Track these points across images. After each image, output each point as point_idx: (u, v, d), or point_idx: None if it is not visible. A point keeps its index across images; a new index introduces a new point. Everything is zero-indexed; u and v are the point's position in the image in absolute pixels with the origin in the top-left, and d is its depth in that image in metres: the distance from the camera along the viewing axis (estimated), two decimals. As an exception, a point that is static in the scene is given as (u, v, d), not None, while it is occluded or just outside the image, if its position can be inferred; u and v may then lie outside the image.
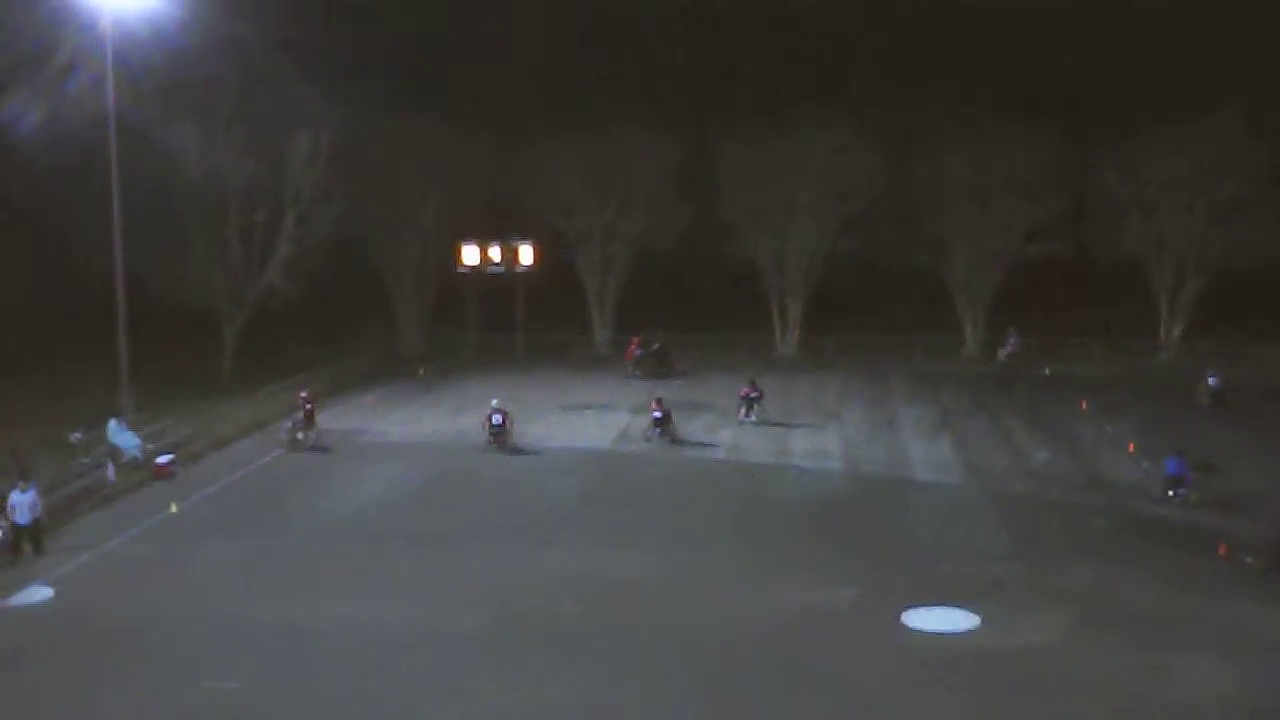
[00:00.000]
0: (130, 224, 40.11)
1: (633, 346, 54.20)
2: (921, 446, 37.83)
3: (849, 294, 58.99)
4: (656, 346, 54.14)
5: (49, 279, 51.14)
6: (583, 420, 42.83)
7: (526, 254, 58.12)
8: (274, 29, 49.98)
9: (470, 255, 58.30)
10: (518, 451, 37.80)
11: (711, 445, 38.46)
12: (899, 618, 22.52)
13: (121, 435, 35.19)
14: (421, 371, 53.83)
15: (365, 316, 60.21)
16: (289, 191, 50.54)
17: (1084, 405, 43.86)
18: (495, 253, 58.23)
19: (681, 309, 59.82)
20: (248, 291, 50.56)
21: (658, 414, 39.29)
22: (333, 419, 42.97)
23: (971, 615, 22.54)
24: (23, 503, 26.37)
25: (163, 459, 34.56)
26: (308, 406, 39.32)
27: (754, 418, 41.71)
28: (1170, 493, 30.78)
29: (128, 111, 41.27)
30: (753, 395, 42.22)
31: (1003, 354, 54.46)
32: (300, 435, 38.50)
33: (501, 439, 38.00)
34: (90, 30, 40.55)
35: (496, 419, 38.27)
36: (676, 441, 38.77)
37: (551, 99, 63.71)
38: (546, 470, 35.43)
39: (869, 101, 60.42)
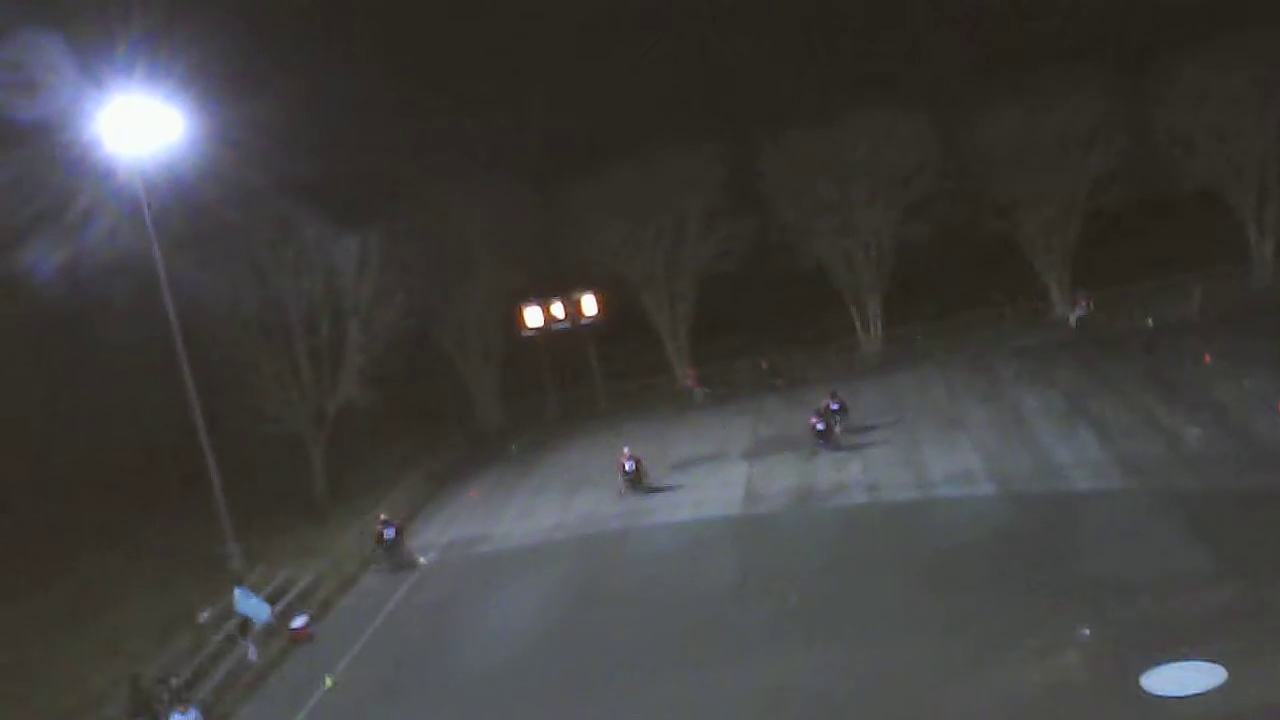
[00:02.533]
0: (196, 366, 39.83)
1: (692, 377, 55.50)
2: (1064, 446, 35.89)
3: (923, 277, 57.07)
4: (765, 365, 53.39)
5: (123, 435, 50.67)
6: (700, 480, 41.18)
7: (590, 304, 56.53)
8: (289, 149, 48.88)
9: (533, 316, 56.75)
10: (650, 499, 37.43)
11: (846, 482, 36.95)
12: (1139, 683, 20.88)
13: (249, 603, 33.93)
14: (514, 448, 52.28)
15: (441, 398, 58.71)
16: (349, 300, 49.21)
17: (1208, 359, 41.89)
18: (558, 309, 56.74)
19: (758, 325, 58.29)
20: (327, 408, 49.24)
21: (820, 425, 40.37)
22: (443, 529, 41.76)
23: (1215, 669, 20.83)
24: (184, 726, 25.25)
25: (298, 622, 33.27)
26: (388, 534, 38.30)
27: (839, 428, 41.31)
28: None
29: (174, 256, 40.68)
30: (834, 408, 41.98)
31: (1073, 317, 52.62)
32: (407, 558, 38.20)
33: (637, 482, 40.41)
34: (117, 180, 39.97)
35: (629, 465, 40.90)
36: (839, 449, 40.11)
37: (580, 138, 62.10)
38: (687, 553, 34.01)
39: (905, 80, 58.50)
